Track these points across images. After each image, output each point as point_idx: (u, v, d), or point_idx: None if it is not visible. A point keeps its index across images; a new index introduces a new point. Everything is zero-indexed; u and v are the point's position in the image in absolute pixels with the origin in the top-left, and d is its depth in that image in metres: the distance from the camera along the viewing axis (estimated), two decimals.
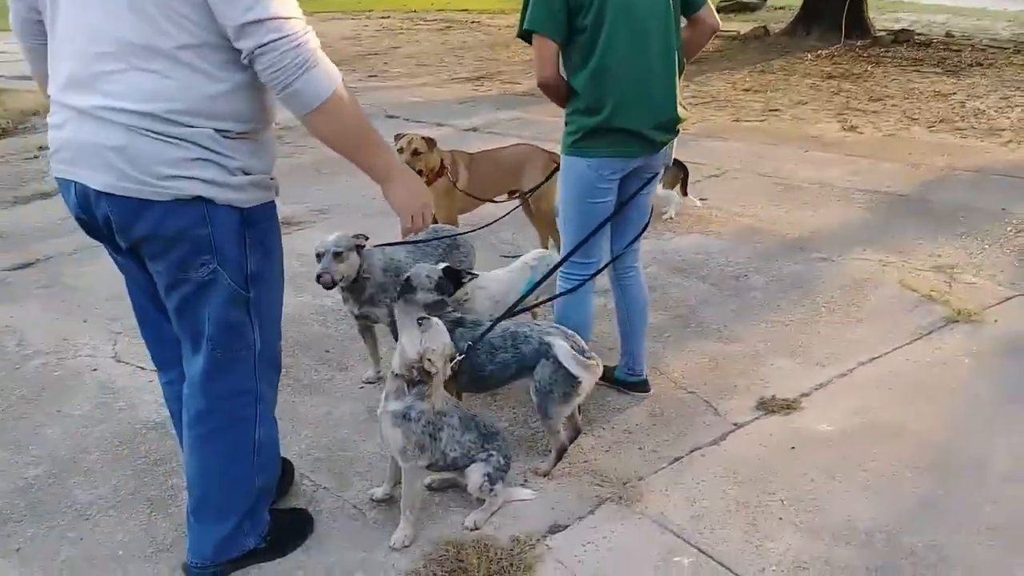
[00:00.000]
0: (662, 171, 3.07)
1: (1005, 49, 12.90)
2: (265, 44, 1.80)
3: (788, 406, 3.21)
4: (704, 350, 3.71)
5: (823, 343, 3.74)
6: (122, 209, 1.95)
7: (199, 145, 1.92)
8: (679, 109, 2.90)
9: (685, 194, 5.38)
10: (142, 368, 3.59)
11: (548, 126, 3.35)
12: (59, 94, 1.96)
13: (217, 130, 1.94)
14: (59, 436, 3.12)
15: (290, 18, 1.83)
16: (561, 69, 2.84)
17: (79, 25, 1.89)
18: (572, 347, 2.70)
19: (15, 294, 4.46)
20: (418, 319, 2.45)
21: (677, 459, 2.90)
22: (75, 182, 1.98)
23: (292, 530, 2.55)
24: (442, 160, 4.14)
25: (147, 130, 1.88)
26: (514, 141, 5.04)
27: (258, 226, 2.10)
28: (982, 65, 11.40)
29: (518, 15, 2.82)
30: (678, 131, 2.97)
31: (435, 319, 2.51)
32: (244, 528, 2.37)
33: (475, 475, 2.58)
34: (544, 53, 2.73)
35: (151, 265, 2.10)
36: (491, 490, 2.59)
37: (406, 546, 2.50)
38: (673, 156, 3.12)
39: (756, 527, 2.53)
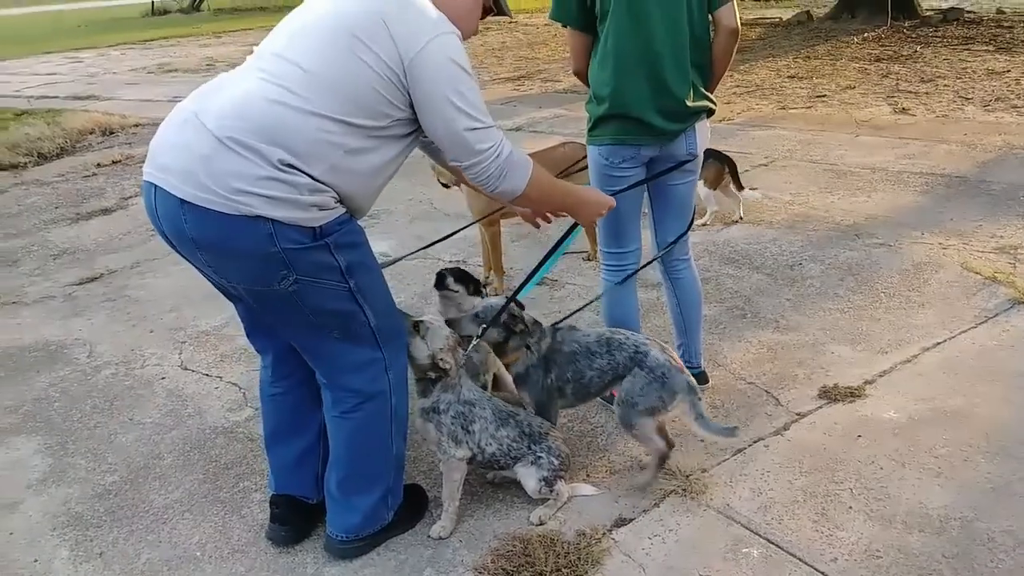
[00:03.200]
0: (697, 160, 3.00)
1: None
2: (472, 162, 2.16)
3: (852, 394, 3.17)
4: (761, 340, 3.67)
5: (885, 330, 3.68)
6: (197, 218, 2.00)
7: (274, 166, 1.98)
8: (689, 97, 2.82)
9: (740, 188, 5.13)
10: (208, 375, 3.69)
11: (583, 122, 3.34)
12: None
13: (295, 167, 2.01)
14: (133, 443, 3.22)
15: (491, 126, 2.16)
16: None
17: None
18: (670, 360, 2.64)
19: (82, 308, 4.61)
20: (413, 324, 2.50)
21: (740, 450, 2.88)
22: (156, 185, 2.05)
23: (414, 504, 2.65)
24: None
25: (234, 142, 1.96)
26: (557, 138, 5.06)
27: (338, 230, 2.13)
28: None
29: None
30: (692, 119, 2.89)
31: (429, 320, 2.57)
32: (387, 502, 2.49)
33: (530, 481, 2.60)
34: (572, 43, 2.92)
35: (230, 285, 2.17)
36: (551, 491, 2.61)
37: (442, 537, 2.55)
38: (707, 147, 3.04)
39: (826, 516, 2.50)
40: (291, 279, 2.08)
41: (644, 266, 3.10)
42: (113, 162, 7.98)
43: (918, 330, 3.64)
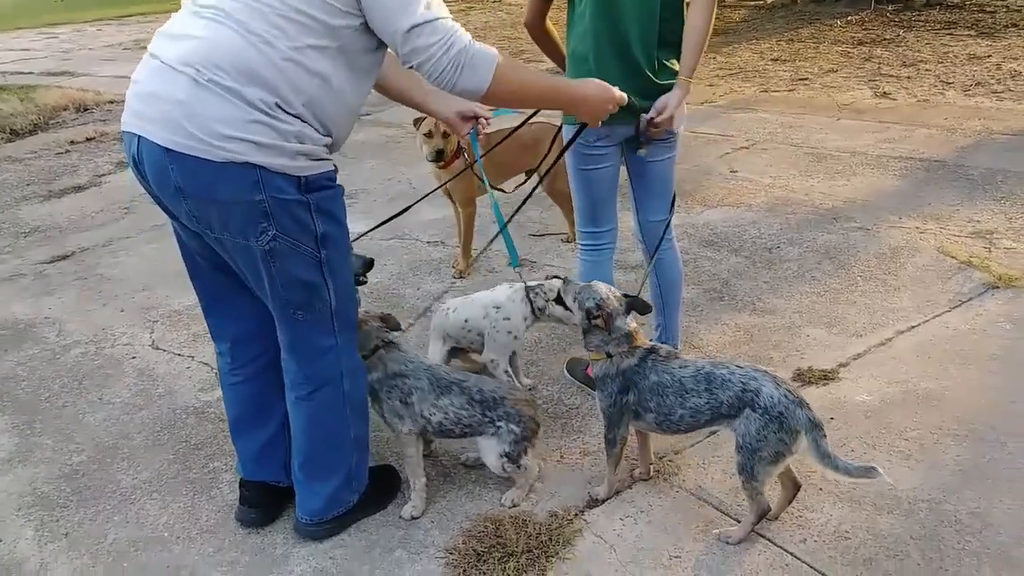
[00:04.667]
0: (676, 137, 2.93)
1: None
2: (418, 50, 1.96)
3: (825, 376, 3.17)
4: (738, 323, 3.67)
5: (860, 313, 3.68)
6: (183, 167, 1.97)
7: (258, 109, 1.94)
8: (657, 74, 2.77)
9: None
10: (179, 355, 3.64)
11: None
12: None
13: (279, 105, 1.97)
14: (101, 423, 3.18)
15: (438, 19, 1.96)
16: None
17: None
18: (787, 394, 2.25)
19: (53, 286, 4.54)
20: None
21: (713, 432, 2.87)
22: (139, 136, 1.99)
23: (385, 485, 2.65)
24: (459, 142, 4.12)
25: (211, 82, 1.91)
26: (537, 119, 5.01)
27: (320, 192, 2.11)
28: (1018, 26, 11.08)
29: None
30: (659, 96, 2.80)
31: None
32: (351, 485, 2.47)
33: (491, 457, 2.55)
34: None
35: (212, 236, 2.11)
36: (517, 467, 2.55)
37: (415, 517, 2.55)
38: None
39: (796, 498, 2.50)
40: (270, 234, 2.05)
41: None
42: (87, 139, 7.85)
43: (893, 313, 3.65)
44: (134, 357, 3.67)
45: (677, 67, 2.84)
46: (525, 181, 4.27)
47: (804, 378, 3.17)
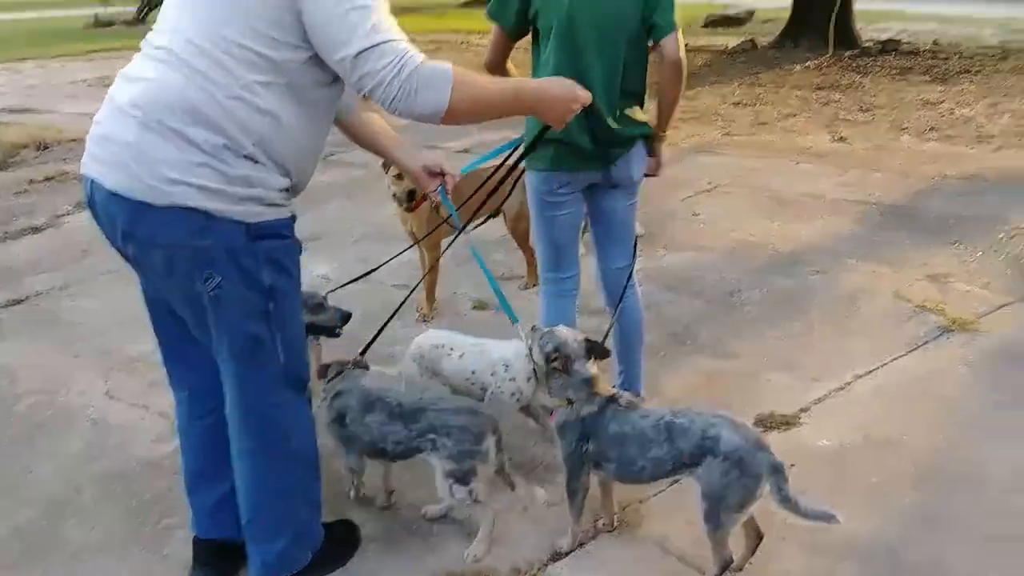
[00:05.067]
0: (636, 185, 3.02)
1: (992, 56, 12.97)
2: (368, 75, 1.88)
3: (787, 422, 3.20)
4: (700, 367, 3.69)
5: (819, 357, 3.73)
6: (128, 210, 1.95)
7: (205, 151, 1.92)
8: (623, 123, 2.84)
9: None
10: (134, 404, 3.57)
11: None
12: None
13: (227, 147, 1.94)
14: (52, 476, 3.09)
15: (387, 41, 1.88)
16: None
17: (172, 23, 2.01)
18: (746, 438, 2.26)
19: (6, 332, 4.43)
20: None
21: (676, 481, 2.87)
22: (92, 179, 1.99)
23: (344, 542, 2.57)
24: None
25: (157, 124, 1.90)
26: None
27: (270, 240, 2.07)
28: (970, 72, 11.46)
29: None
30: (627, 145, 2.90)
31: None
32: (302, 543, 2.38)
33: (438, 480, 2.49)
34: (496, 39, 2.92)
35: (160, 283, 2.10)
36: (468, 492, 2.45)
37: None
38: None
39: (759, 548, 2.50)
40: (215, 281, 2.00)
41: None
42: (47, 178, 7.72)
43: (851, 357, 3.70)
44: (88, 407, 3.59)
45: (638, 115, 2.90)
46: (485, 220, 4.30)
47: (766, 423, 3.19)
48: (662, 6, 2.73)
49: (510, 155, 2.96)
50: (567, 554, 2.55)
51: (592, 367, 2.49)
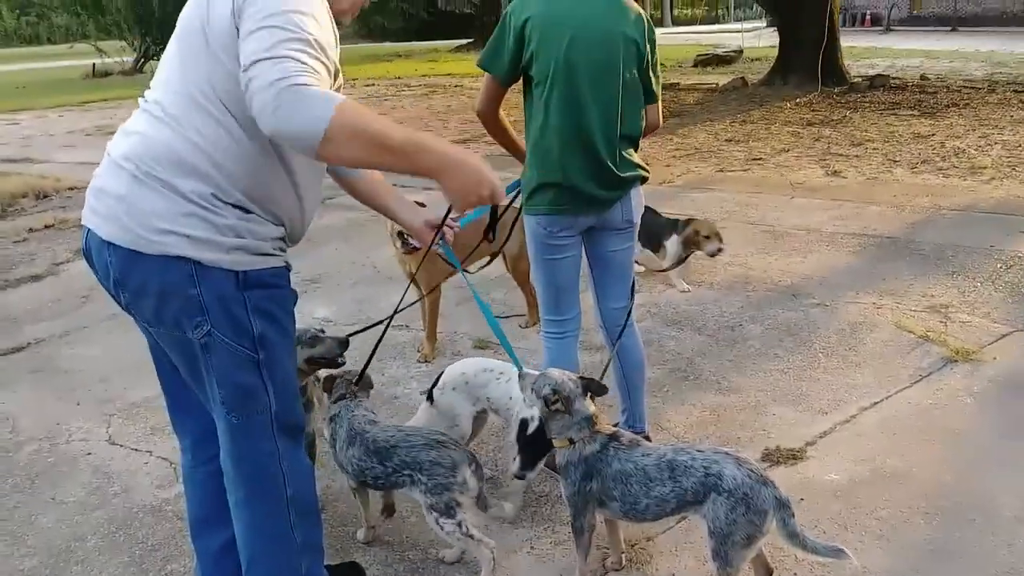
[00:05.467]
0: (634, 226, 3.05)
1: (979, 89, 13.19)
2: (250, 81, 1.73)
3: (793, 456, 3.18)
4: (704, 402, 3.68)
5: (823, 390, 3.72)
6: (121, 258, 1.97)
7: (192, 201, 1.93)
8: (620, 168, 2.88)
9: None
10: (136, 450, 3.54)
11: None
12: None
13: (215, 195, 1.95)
14: (54, 524, 3.05)
15: (287, 58, 1.73)
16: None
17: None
18: (750, 474, 2.23)
19: (6, 379, 4.41)
20: None
21: (684, 518, 2.84)
22: (89, 229, 2.03)
23: None
24: None
25: (148, 176, 1.92)
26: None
27: (260, 290, 2.06)
28: (958, 105, 11.64)
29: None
30: (626, 188, 2.94)
31: None
32: None
33: (427, 516, 2.53)
34: (489, 88, 2.93)
35: (154, 330, 2.10)
36: (458, 526, 2.45)
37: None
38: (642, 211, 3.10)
39: None
40: (205, 328, 2.00)
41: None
42: (46, 226, 7.75)
43: (856, 390, 3.69)
44: (89, 453, 3.56)
45: (635, 159, 2.93)
46: (487, 263, 4.32)
47: (772, 458, 3.17)
48: (653, 76, 2.96)
49: (514, 199, 2.99)
50: None
51: (590, 405, 2.49)
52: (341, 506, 3.07)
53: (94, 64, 28.82)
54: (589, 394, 2.50)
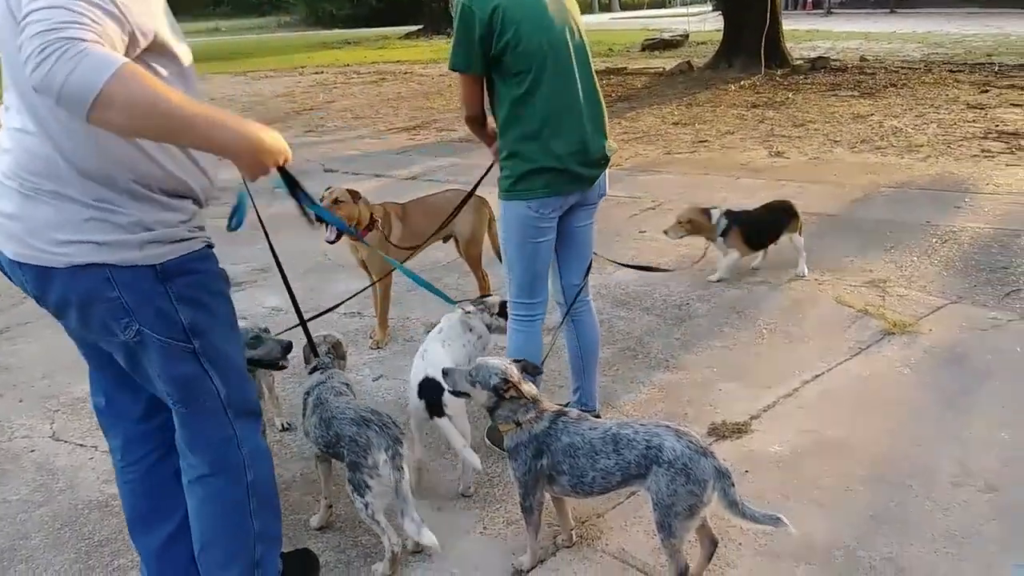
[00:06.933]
0: (599, 202, 3.12)
1: (916, 69, 13.50)
2: (29, 24, 1.56)
3: (739, 430, 3.25)
4: (653, 380, 3.74)
5: (767, 365, 3.81)
6: (33, 276, 1.92)
7: (88, 206, 1.85)
8: (606, 144, 2.98)
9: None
10: (81, 445, 3.48)
11: (484, 170, 3.40)
12: None
13: (106, 193, 1.86)
14: None
15: (56, 7, 1.57)
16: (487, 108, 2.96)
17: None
18: (689, 445, 2.28)
19: None
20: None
21: (634, 493, 2.90)
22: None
23: (303, 572, 2.54)
24: (372, 214, 4.13)
25: (33, 191, 1.84)
26: (451, 187, 5.07)
27: (181, 279, 1.99)
28: (896, 86, 11.91)
29: (449, 70, 2.94)
30: (607, 165, 3.05)
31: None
32: (255, 573, 2.29)
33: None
34: (470, 90, 2.88)
35: (84, 333, 2.06)
36: (364, 508, 2.49)
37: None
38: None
39: (716, 555, 2.52)
40: (135, 328, 1.95)
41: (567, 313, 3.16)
42: None
43: (798, 364, 3.79)
44: (32, 450, 3.48)
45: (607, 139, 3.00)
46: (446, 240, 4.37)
47: (718, 432, 3.24)
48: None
49: (482, 179, 3.01)
50: (528, 572, 2.55)
51: (532, 386, 2.53)
52: (293, 494, 3.06)
53: None
54: (526, 375, 2.55)
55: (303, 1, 49.66)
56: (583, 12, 2.94)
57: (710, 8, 33.41)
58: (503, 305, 3.22)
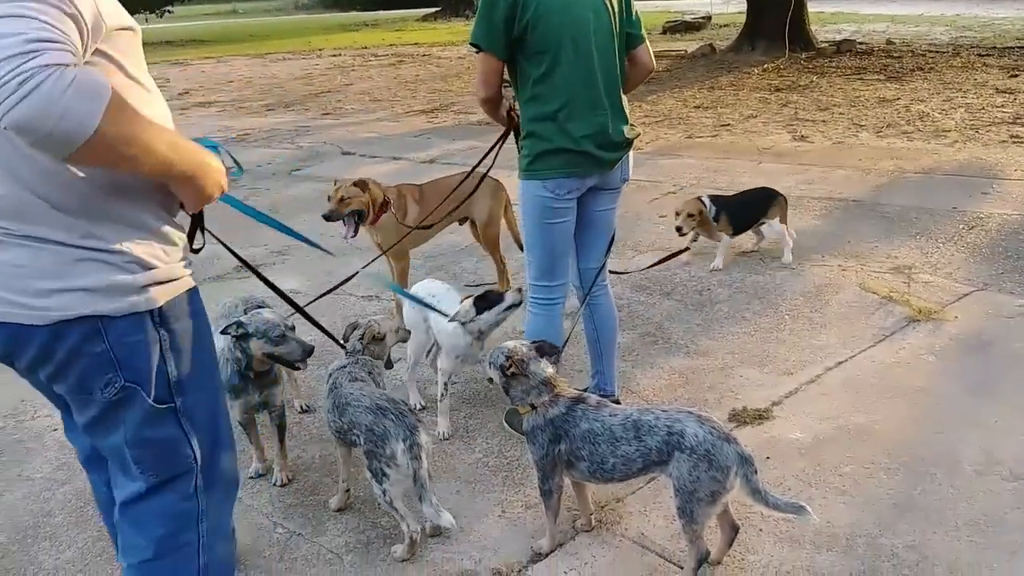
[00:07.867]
0: (622, 185, 3.09)
1: (944, 52, 13.29)
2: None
3: (760, 416, 3.22)
4: (673, 366, 3.72)
5: (789, 351, 3.77)
6: (6, 336, 1.63)
7: (77, 246, 1.58)
8: (626, 128, 2.94)
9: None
10: None
11: (503, 152, 3.37)
12: None
13: (90, 225, 1.58)
14: (21, 501, 3.02)
15: (10, 16, 1.31)
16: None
17: None
18: (712, 431, 2.26)
19: None
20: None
21: (653, 478, 2.88)
22: None
23: None
24: (385, 196, 4.12)
25: (8, 237, 1.56)
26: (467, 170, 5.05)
27: (178, 323, 1.72)
28: (923, 69, 11.73)
29: (468, 45, 2.89)
30: (628, 148, 3.01)
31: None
32: None
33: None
34: (490, 68, 2.81)
35: (47, 387, 1.75)
36: (382, 495, 2.51)
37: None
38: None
39: (737, 540, 2.51)
40: (117, 385, 1.67)
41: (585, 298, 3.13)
42: None
43: (821, 350, 3.75)
44: (55, 429, 3.51)
45: (630, 117, 2.97)
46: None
47: (739, 418, 3.22)
48: (635, 21, 2.95)
49: (481, 160, 2.98)
50: (547, 555, 2.55)
51: (547, 368, 2.51)
52: (312, 476, 3.07)
53: None
54: (543, 356, 2.53)
55: None
56: None
57: None
58: (478, 300, 3.17)
